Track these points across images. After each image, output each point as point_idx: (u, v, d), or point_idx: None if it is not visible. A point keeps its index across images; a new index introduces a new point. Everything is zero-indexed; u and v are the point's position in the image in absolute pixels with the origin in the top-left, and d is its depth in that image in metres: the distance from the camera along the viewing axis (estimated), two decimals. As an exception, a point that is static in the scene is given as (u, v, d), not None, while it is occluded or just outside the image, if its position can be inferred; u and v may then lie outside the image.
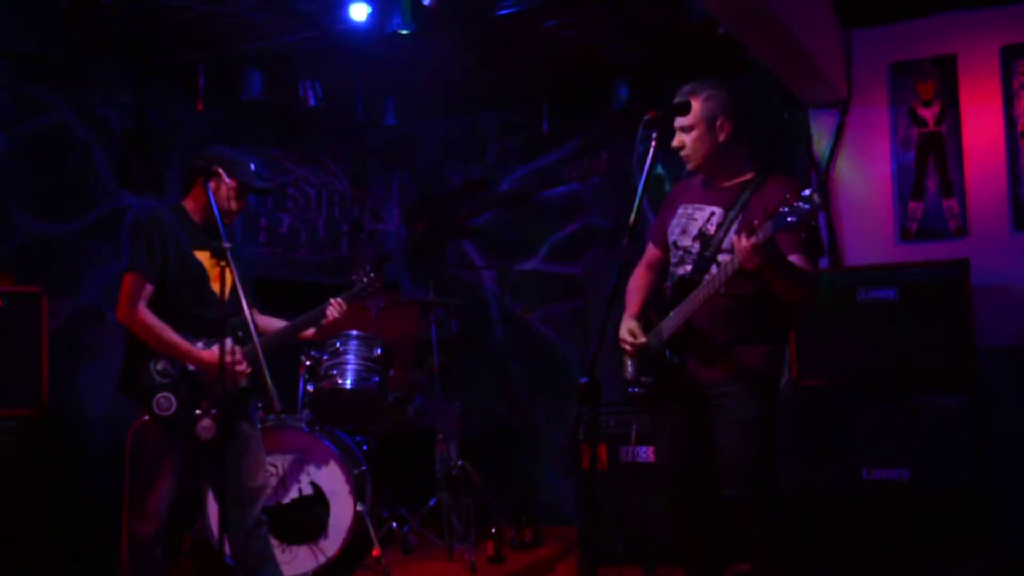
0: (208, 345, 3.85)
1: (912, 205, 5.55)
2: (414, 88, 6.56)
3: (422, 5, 4.95)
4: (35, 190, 5.56)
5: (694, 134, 3.71)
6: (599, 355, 3.62)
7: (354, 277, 4.32)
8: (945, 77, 5.50)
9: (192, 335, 3.83)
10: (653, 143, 3.33)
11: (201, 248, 3.90)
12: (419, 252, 7.35)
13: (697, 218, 3.77)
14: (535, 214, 7.06)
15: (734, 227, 3.60)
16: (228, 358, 3.78)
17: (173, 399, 3.77)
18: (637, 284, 4.03)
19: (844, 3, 5.50)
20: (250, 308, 3.74)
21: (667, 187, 6.61)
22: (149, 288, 3.79)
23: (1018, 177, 5.31)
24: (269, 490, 4.14)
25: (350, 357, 5.38)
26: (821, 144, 5.78)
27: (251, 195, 4.10)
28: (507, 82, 6.64)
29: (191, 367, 3.82)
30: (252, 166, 3.99)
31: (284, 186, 6.83)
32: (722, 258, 3.61)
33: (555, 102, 6.81)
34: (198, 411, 3.77)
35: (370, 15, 5.17)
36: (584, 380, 3.25)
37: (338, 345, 5.40)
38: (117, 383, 3.86)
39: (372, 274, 4.30)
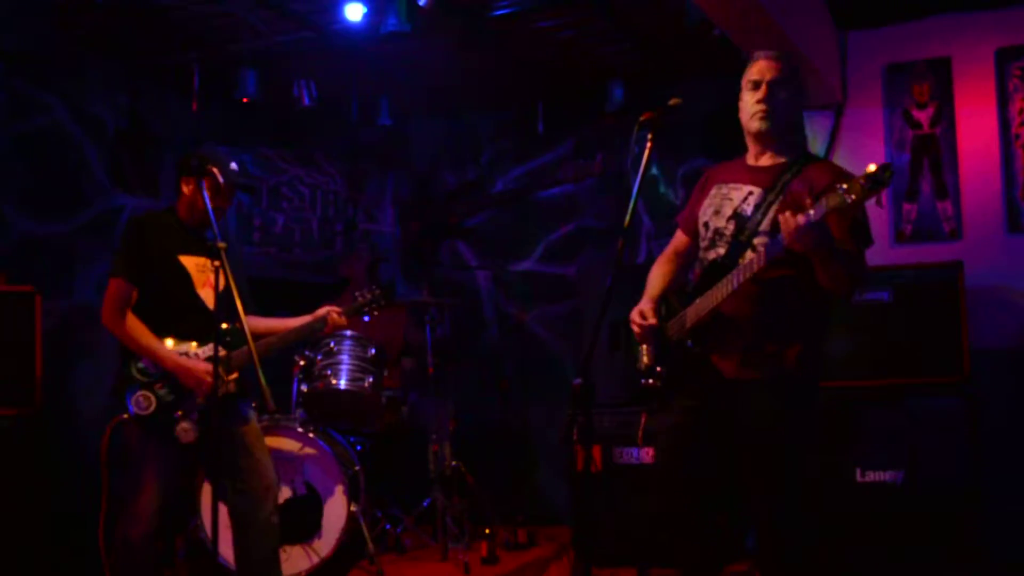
0: (197, 348, 3.85)
1: (907, 207, 5.56)
2: (409, 88, 6.56)
3: (417, 5, 4.94)
4: (29, 189, 5.55)
5: (788, 93, 3.47)
6: (593, 356, 3.62)
7: (357, 293, 4.32)
8: (940, 79, 5.50)
9: (180, 338, 3.83)
10: (648, 144, 3.32)
11: (188, 253, 3.90)
12: (413, 252, 7.35)
13: (733, 197, 3.47)
14: (530, 215, 7.06)
15: (773, 209, 3.33)
16: (205, 366, 3.77)
17: (152, 398, 3.75)
18: (660, 270, 3.71)
19: (839, 5, 5.50)
20: (245, 311, 3.71)
21: (661, 189, 6.64)
22: (132, 292, 3.80)
23: (1012, 180, 5.32)
24: (276, 491, 4.05)
25: (344, 357, 5.38)
26: (816, 146, 5.78)
27: (241, 193, 4.09)
28: (502, 83, 6.64)
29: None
30: (234, 164, 3.97)
31: (278, 186, 6.82)
32: (758, 242, 3.34)
33: (550, 103, 6.81)
34: (178, 412, 3.77)
35: (365, 15, 5.17)
36: (578, 381, 3.24)
37: (332, 345, 5.40)
38: (112, 387, 3.86)
39: (377, 291, 4.28)
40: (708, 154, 5.59)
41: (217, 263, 3.60)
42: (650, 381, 3.56)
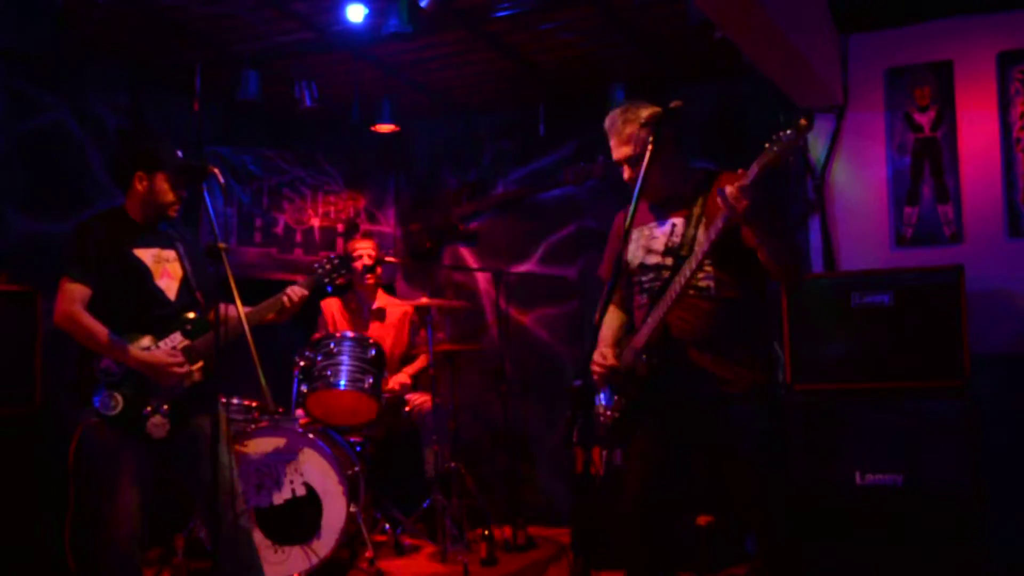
0: (155, 342, 3.84)
1: (907, 211, 5.55)
2: (410, 89, 6.56)
3: (419, 7, 4.94)
4: (30, 189, 5.55)
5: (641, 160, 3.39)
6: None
7: (316, 265, 4.30)
8: (941, 83, 5.50)
9: (138, 333, 3.82)
10: (650, 147, 3.32)
11: (142, 246, 3.91)
12: (414, 254, 7.35)
13: (658, 235, 3.58)
14: (531, 217, 7.06)
15: (701, 226, 3.44)
16: (168, 359, 3.77)
17: (119, 398, 3.75)
18: (609, 319, 3.82)
19: (841, 8, 5.50)
20: (207, 303, 3.71)
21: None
22: (85, 291, 3.79)
23: (1013, 183, 5.32)
24: (239, 489, 3.96)
25: (344, 358, 5.38)
26: (817, 149, 5.78)
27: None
28: (503, 84, 6.64)
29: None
30: (179, 153, 3.98)
31: (280, 186, 6.83)
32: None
33: (551, 105, 6.81)
34: (147, 408, 3.76)
35: (367, 16, 5.17)
36: (578, 383, 3.24)
37: (332, 346, 5.40)
38: (72, 388, 3.83)
39: (336, 260, 4.25)
40: (709, 156, 5.58)
41: (173, 252, 3.78)
42: (615, 414, 3.60)
